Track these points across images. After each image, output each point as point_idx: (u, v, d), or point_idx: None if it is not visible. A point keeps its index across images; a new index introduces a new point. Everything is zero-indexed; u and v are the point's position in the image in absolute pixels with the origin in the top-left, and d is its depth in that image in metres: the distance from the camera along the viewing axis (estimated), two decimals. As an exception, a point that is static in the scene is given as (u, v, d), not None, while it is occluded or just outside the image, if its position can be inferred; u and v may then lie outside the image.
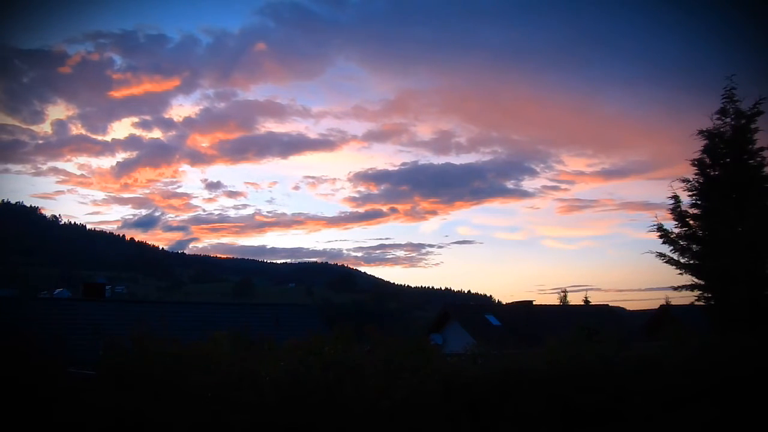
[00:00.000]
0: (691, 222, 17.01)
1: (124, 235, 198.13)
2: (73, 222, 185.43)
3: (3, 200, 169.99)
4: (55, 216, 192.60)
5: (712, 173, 16.88)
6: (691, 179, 17.05)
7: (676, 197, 17.24)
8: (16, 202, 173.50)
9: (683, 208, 17.19)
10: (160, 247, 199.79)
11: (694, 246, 16.83)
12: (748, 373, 10.28)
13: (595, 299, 74.24)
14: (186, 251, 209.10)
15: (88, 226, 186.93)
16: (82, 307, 24.15)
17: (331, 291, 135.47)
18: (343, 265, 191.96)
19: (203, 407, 8.16)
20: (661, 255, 17.12)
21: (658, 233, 17.23)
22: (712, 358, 10.58)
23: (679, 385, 9.98)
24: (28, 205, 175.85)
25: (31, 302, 27.50)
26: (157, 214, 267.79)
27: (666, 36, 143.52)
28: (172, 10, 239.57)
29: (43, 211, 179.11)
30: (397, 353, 9.37)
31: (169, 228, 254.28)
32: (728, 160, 16.71)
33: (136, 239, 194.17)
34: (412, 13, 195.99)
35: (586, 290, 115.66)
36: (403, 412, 8.52)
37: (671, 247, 17.03)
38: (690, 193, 17.10)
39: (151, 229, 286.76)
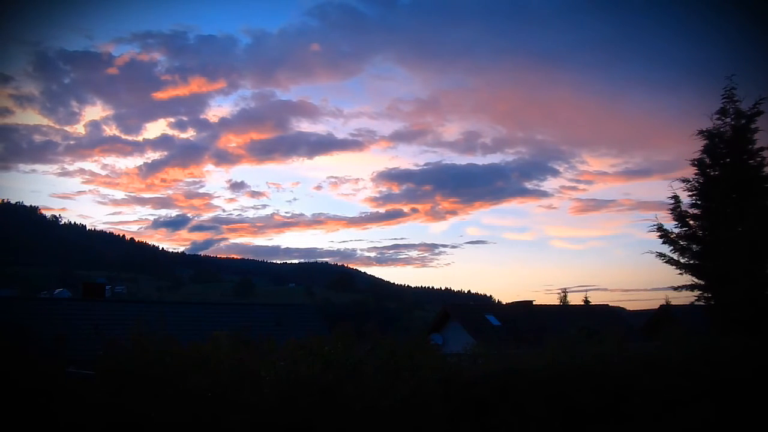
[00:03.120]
0: (691, 222, 17.00)
1: (124, 235, 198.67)
2: (93, 222, 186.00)
3: (3, 200, 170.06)
4: (55, 216, 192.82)
5: (712, 173, 16.87)
6: (691, 179, 17.05)
7: (676, 197, 17.25)
8: (16, 202, 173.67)
9: (683, 208, 17.20)
10: (160, 248, 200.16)
11: (694, 246, 16.83)
12: (748, 373, 10.28)
13: (602, 299, 73.97)
14: (204, 252, 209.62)
15: (108, 227, 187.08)
16: (82, 307, 24.18)
17: (331, 291, 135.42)
18: (343, 265, 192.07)
19: (203, 407, 8.15)
20: (661, 255, 17.13)
21: (658, 233, 17.24)
22: (712, 358, 10.58)
23: (679, 385, 9.98)
24: (28, 205, 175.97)
25: (31, 302, 27.53)
26: (177, 214, 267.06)
27: (690, 37, 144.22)
28: (214, 11, 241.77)
29: (43, 211, 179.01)
30: (397, 353, 9.37)
31: (193, 228, 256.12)
32: (728, 160, 16.70)
33: (136, 239, 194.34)
34: (456, 14, 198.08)
35: (593, 290, 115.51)
36: (403, 412, 8.52)
37: (671, 247, 17.04)
38: (690, 193, 17.11)
39: (171, 229, 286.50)
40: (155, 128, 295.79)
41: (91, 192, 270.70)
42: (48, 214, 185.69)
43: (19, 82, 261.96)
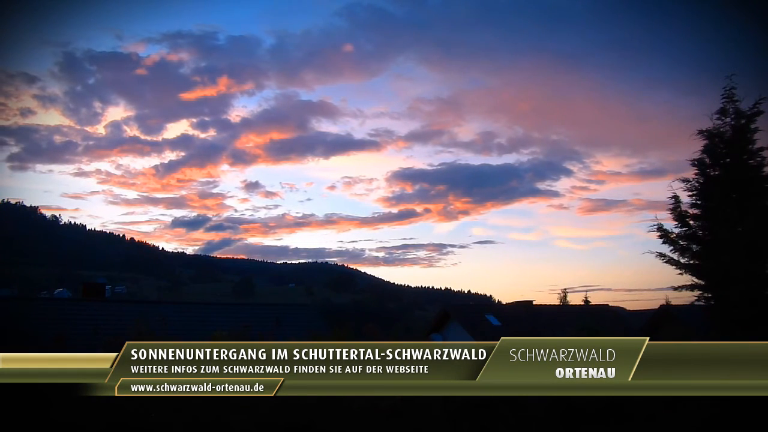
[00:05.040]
0: (691, 222, 17.00)
1: (124, 235, 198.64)
2: (102, 223, 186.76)
3: (3, 200, 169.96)
4: (55, 216, 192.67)
5: (712, 173, 16.86)
6: (691, 179, 17.04)
7: (676, 197, 17.24)
8: (16, 202, 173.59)
9: (683, 208, 17.20)
10: (161, 248, 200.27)
11: (694, 246, 16.83)
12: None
13: (605, 300, 73.82)
14: (217, 253, 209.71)
15: (119, 227, 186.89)
16: (82, 307, 24.18)
17: (332, 291, 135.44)
18: (344, 265, 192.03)
19: (203, 407, 8.15)
20: (661, 255, 17.13)
21: (658, 233, 17.23)
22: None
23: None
24: (28, 205, 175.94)
25: (31, 302, 27.52)
26: (191, 215, 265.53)
27: (704, 37, 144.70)
28: (241, 12, 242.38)
29: (42, 211, 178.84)
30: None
31: (209, 229, 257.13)
32: (728, 160, 16.70)
33: (137, 239, 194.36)
34: (480, 14, 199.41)
35: (597, 291, 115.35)
36: (403, 412, 8.52)
37: (671, 248, 17.03)
38: (690, 193, 17.08)
39: (187, 230, 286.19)
40: (176, 128, 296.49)
41: (104, 192, 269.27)
42: (48, 214, 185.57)
43: (45, 83, 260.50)
